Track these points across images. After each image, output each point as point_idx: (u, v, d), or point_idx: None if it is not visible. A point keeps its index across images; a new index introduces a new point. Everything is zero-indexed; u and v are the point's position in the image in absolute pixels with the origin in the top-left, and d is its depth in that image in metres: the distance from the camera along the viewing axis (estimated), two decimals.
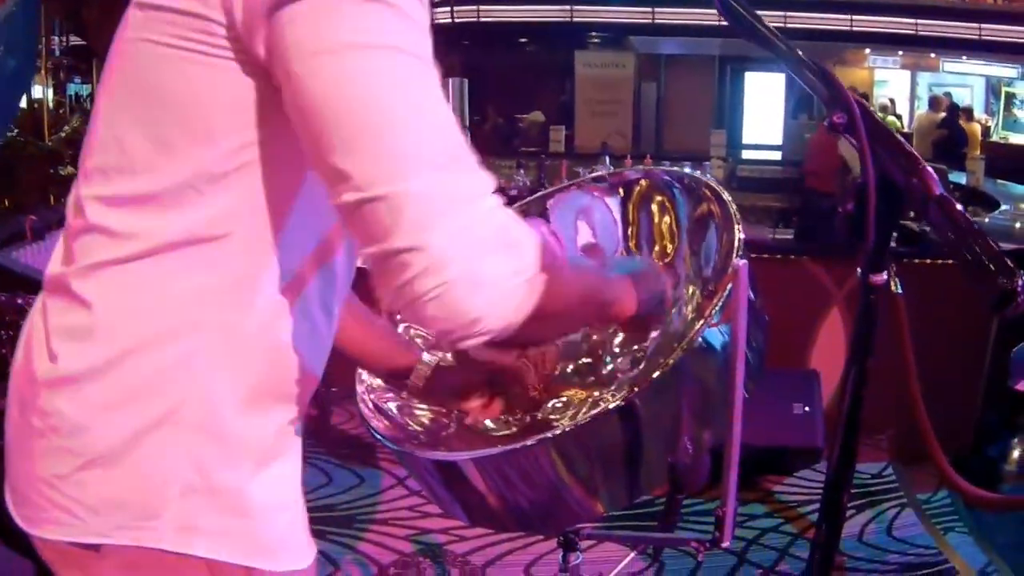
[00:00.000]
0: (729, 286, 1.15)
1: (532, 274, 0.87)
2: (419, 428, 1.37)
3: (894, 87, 12.89)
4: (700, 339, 1.15)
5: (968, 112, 10.27)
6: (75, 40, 8.08)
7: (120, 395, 0.89)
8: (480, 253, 0.82)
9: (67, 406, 0.90)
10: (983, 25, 10.43)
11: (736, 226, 1.28)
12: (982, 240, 0.90)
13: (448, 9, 11.21)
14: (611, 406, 1.12)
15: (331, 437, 3.90)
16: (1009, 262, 0.88)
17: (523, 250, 0.86)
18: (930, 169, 0.97)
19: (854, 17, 9.58)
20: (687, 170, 1.58)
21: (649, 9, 10.26)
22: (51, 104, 7.68)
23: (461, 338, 0.85)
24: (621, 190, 1.56)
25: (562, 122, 11.33)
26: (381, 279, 0.83)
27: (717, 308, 1.15)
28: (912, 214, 4.69)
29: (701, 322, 1.15)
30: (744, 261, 1.17)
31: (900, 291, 3.69)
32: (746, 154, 10.28)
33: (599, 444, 1.14)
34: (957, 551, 3.10)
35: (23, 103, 6.16)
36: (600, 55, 11.24)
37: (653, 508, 1.76)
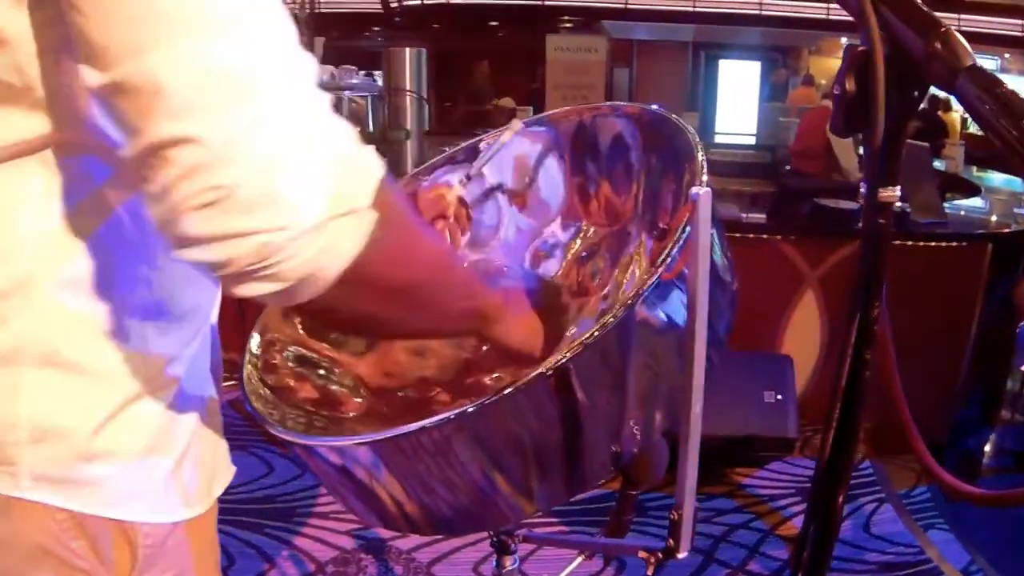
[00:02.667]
0: (686, 224, 0.90)
1: (361, 207, 0.66)
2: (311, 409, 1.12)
3: None
4: (647, 291, 0.89)
5: (946, 104, 10.20)
6: None
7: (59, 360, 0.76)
8: (282, 153, 0.60)
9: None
10: (962, 16, 10.34)
11: (697, 154, 1.03)
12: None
13: None
14: (533, 373, 0.86)
15: None
16: None
17: (353, 169, 0.66)
18: (959, 36, 0.72)
19: (830, 6, 9.45)
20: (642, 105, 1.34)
21: None
22: None
23: (238, 276, 0.63)
24: (566, 132, 1.33)
25: (533, 106, 11.14)
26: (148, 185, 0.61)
27: (672, 252, 0.90)
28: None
29: (652, 270, 0.91)
30: (706, 190, 0.91)
31: None
32: (719, 139, 10.15)
33: (522, 424, 0.89)
34: (939, 548, 2.91)
35: None
36: (572, 39, 11.04)
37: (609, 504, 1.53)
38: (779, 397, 3.19)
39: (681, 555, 1.03)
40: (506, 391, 0.84)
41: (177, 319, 0.85)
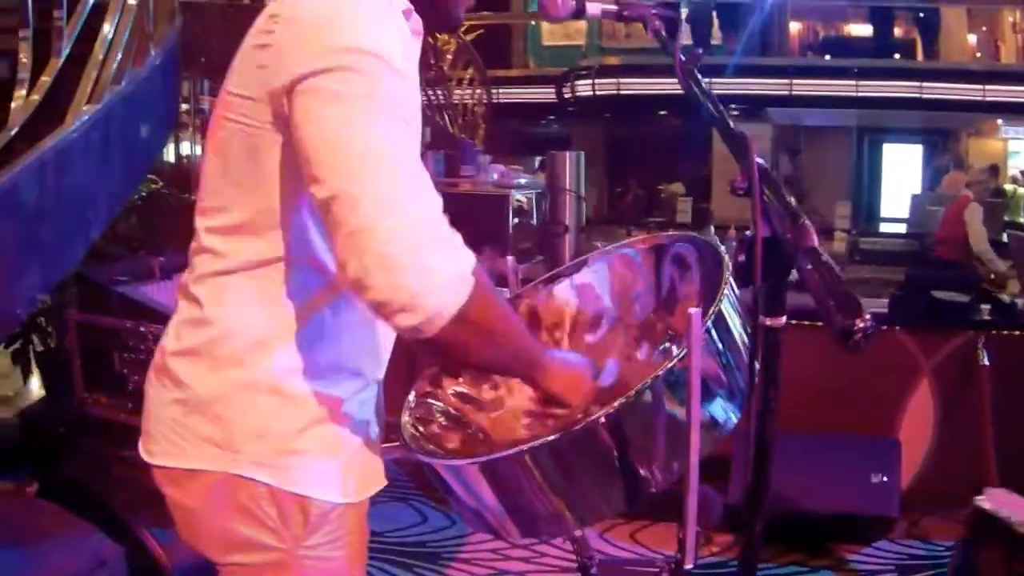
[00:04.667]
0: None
1: (466, 275, 1.14)
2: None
3: None
4: (661, 378, 1.32)
5: None
6: None
7: (216, 365, 1.28)
8: (421, 242, 1.10)
9: (183, 369, 1.31)
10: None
11: (725, 280, 1.40)
12: (840, 286, 1.06)
13: (590, 82, 11.57)
14: (565, 432, 1.31)
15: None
16: (858, 304, 1.03)
17: (460, 253, 1.15)
18: (808, 224, 1.13)
19: (987, 87, 9.35)
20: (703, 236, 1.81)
21: (787, 80, 10.33)
22: (199, 161, 8.40)
23: (396, 311, 1.11)
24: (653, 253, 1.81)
25: (702, 194, 11.47)
26: (343, 258, 1.12)
27: (677, 355, 1.33)
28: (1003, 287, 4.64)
29: (665, 362, 1.34)
30: (697, 310, 1.33)
31: (987, 363, 3.69)
32: (883, 227, 10.15)
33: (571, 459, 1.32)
34: None
35: (171, 157, 6.83)
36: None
37: None
38: (884, 479, 3.42)
39: (688, 565, 1.41)
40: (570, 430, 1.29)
41: (352, 375, 1.35)
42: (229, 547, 1.34)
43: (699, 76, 1.45)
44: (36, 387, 4.99)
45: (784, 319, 1.25)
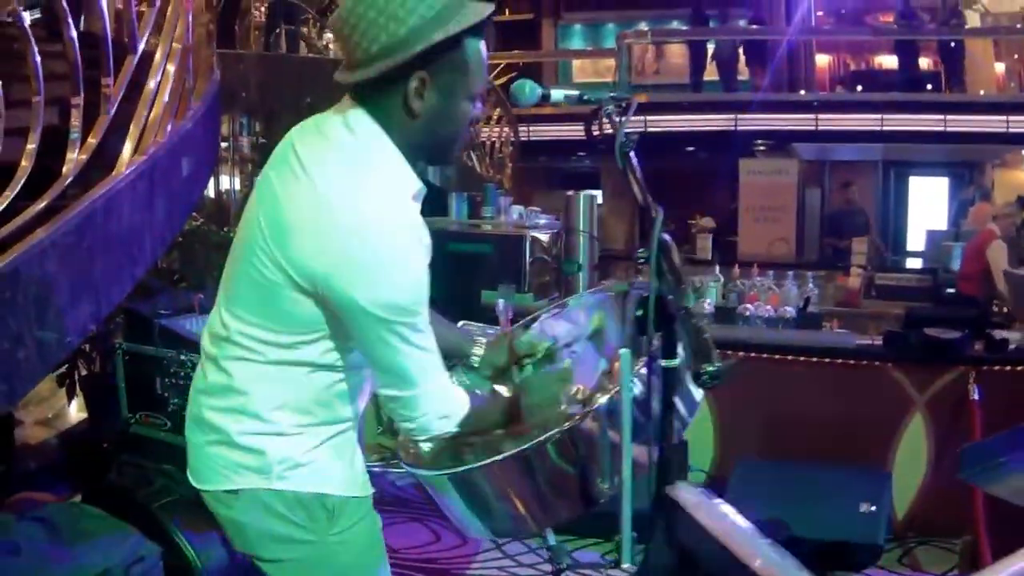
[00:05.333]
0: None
1: (456, 423, 1.73)
2: None
3: None
4: (594, 409, 1.60)
5: None
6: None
7: (245, 418, 1.72)
8: (433, 423, 1.72)
9: (219, 420, 1.75)
10: None
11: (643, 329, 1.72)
12: (701, 337, 1.32)
13: (617, 120, 11.80)
14: (511, 452, 1.60)
15: None
16: (709, 353, 1.30)
17: (453, 416, 1.73)
18: (687, 286, 1.39)
19: (1011, 118, 9.40)
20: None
21: (812, 115, 10.46)
22: (238, 195, 8.75)
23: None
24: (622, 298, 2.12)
25: (733, 229, 11.62)
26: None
27: (611, 389, 1.60)
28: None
29: (597, 397, 1.61)
30: (626, 349, 1.61)
31: (976, 397, 3.89)
32: (904, 261, 10.22)
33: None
34: None
35: (211, 193, 7.15)
36: (764, 162, 11.42)
37: None
38: (873, 508, 3.60)
39: (624, 565, 1.67)
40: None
41: (343, 420, 1.80)
42: (276, 546, 1.77)
43: (634, 160, 1.69)
44: (74, 409, 5.33)
45: (678, 360, 1.51)
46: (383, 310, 1.57)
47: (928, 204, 11.68)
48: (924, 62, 11.66)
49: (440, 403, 1.72)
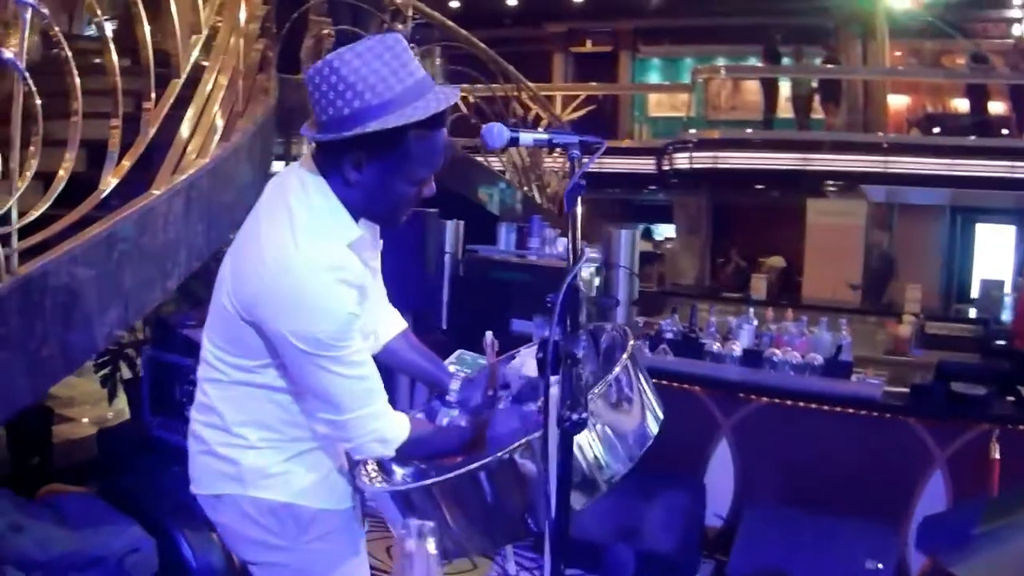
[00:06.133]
0: None
1: (394, 447, 1.86)
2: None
3: None
4: (526, 442, 1.66)
5: None
6: None
7: (223, 433, 1.92)
8: (367, 446, 1.86)
9: (204, 434, 1.96)
10: None
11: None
12: (575, 384, 1.37)
13: (687, 155, 11.79)
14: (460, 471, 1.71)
15: None
16: (577, 402, 1.35)
17: (392, 441, 1.86)
18: (582, 334, 1.43)
19: None
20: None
21: (882, 158, 10.28)
22: None
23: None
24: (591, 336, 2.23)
25: (801, 267, 11.45)
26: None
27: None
28: None
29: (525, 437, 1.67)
30: (554, 388, 1.65)
31: (997, 456, 3.83)
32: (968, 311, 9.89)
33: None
34: None
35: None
36: (831, 204, 11.24)
37: None
38: (879, 566, 3.53)
39: None
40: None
41: (305, 438, 1.93)
42: (253, 548, 1.96)
43: (579, 205, 1.72)
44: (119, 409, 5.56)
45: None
46: (305, 343, 1.72)
47: (993, 252, 11.35)
48: (998, 106, 11.37)
49: (374, 428, 1.83)
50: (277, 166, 6.00)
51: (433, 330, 5.36)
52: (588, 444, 1.76)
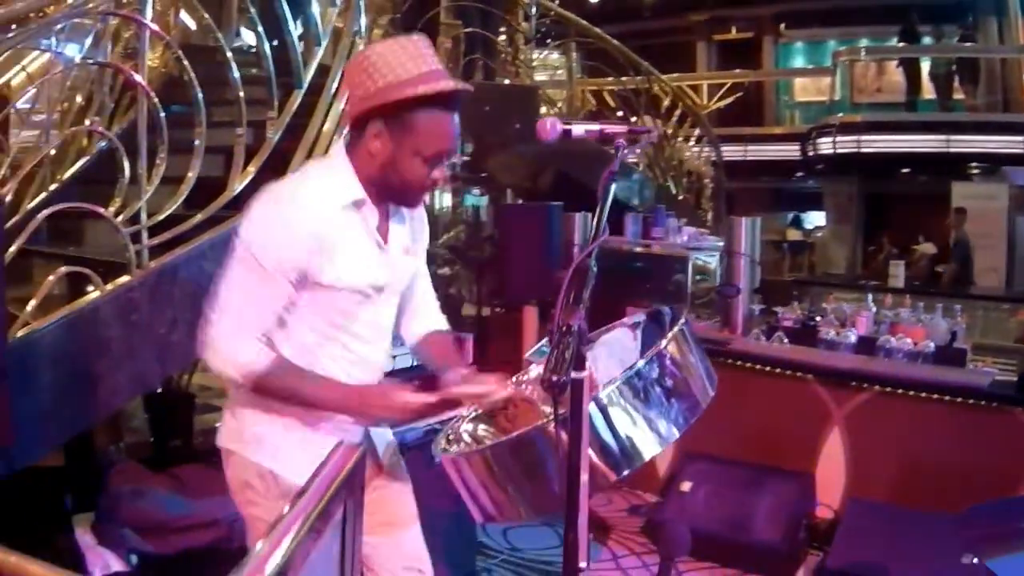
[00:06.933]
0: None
1: (240, 373, 2.01)
2: None
3: None
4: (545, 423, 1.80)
5: None
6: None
7: (235, 401, 2.17)
8: (213, 358, 2.02)
9: (230, 391, 2.18)
10: None
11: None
12: (564, 353, 1.49)
13: (831, 140, 11.50)
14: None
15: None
16: (562, 366, 1.47)
17: (236, 364, 2.00)
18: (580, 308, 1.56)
19: None
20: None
21: (1022, 139, 9.75)
22: (447, 210, 9.36)
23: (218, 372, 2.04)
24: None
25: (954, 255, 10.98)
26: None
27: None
28: None
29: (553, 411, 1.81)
30: (587, 373, 1.79)
31: None
32: None
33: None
34: None
35: None
36: (975, 187, 10.74)
37: None
38: (975, 560, 3.44)
39: (581, 564, 1.83)
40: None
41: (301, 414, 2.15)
42: (238, 499, 2.18)
43: (611, 192, 1.83)
44: None
45: (585, 372, 1.64)
46: (240, 235, 2.01)
47: None
48: None
49: (225, 343, 2.01)
50: None
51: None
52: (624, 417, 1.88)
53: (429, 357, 2.35)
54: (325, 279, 2.03)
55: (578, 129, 1.97)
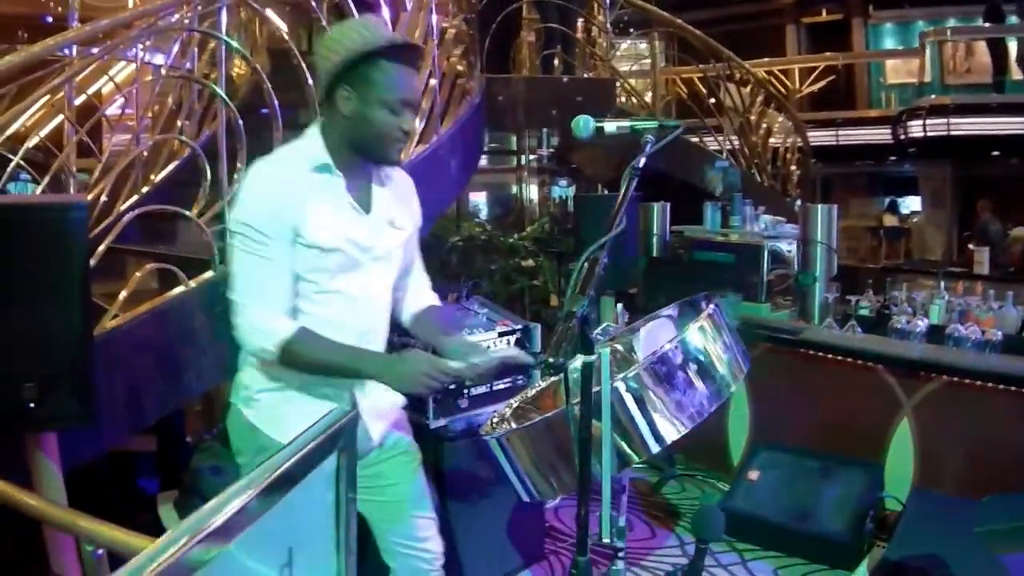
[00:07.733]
0: None
1: (274, 343, 2.16)
2: None
3: None
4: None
5: None
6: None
7: (246, 362, 2.36)
8: (248, 336, 2.20)
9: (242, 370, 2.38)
10: None
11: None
12: (558, 335, 1.61)
13: (921, 123, 11.23)
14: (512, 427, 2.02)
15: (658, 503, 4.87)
16: (559, 350, 1.59)
17: (270, 335, 2.16)
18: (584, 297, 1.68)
19: None
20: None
21: None
22: (535, 202, 9.45)
23: (255, 351, 2.24)
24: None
25: None
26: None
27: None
28: None
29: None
30: (607, 349, 1.92)
31: None
32: None
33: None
34: None
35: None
36: None
37: None
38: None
39: (605, 539, 1.96)
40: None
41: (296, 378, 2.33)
42: (236, 453, 2.40)
43: (635, 181, 1.93)
44: None
45: (593, 357, 1.76)
46: (234, 225, 2.18)
47: None
48: None
49: (256, 320, 2.17)
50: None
51: (635, 311, 5.51)
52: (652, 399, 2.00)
53: (428, 328, 2.47)
54: (308, 236, 2.16)
55: (610, 126, 2.09)
